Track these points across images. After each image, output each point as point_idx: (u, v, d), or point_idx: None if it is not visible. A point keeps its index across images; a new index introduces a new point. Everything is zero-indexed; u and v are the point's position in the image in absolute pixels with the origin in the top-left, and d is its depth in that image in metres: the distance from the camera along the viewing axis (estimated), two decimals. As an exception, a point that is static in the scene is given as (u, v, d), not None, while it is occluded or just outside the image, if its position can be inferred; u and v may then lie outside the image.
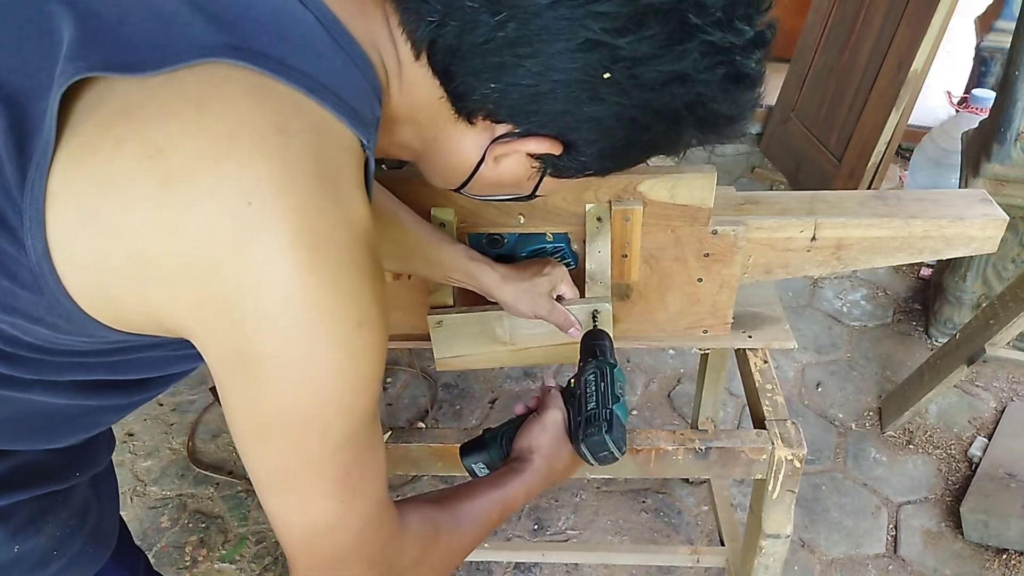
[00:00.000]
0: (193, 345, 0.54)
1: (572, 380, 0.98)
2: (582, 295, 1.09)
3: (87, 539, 0.78)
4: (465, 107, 0.62)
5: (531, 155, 0.67)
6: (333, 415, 0.56)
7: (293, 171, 0.49)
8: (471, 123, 0.64)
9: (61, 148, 0.49)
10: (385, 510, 0.64)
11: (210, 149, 0.48)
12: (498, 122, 0.63)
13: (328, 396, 0.55)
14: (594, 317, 1.08)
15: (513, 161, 0.68)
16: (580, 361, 1.00)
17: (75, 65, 0.49)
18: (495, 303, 1.08)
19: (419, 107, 0.64)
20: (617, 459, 0.90)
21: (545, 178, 0.71)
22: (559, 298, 1.08)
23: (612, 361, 0.97)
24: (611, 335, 1.03)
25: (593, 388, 0.93)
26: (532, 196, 0.75)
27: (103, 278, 0.51)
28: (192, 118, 0.49)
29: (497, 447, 0.96)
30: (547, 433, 0.92)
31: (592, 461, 0.91)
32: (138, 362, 0.65)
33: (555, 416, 0.93)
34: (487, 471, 0.97)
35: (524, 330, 1.12)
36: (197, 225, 0.48)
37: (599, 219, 1.05)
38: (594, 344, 1.00)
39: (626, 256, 1.08)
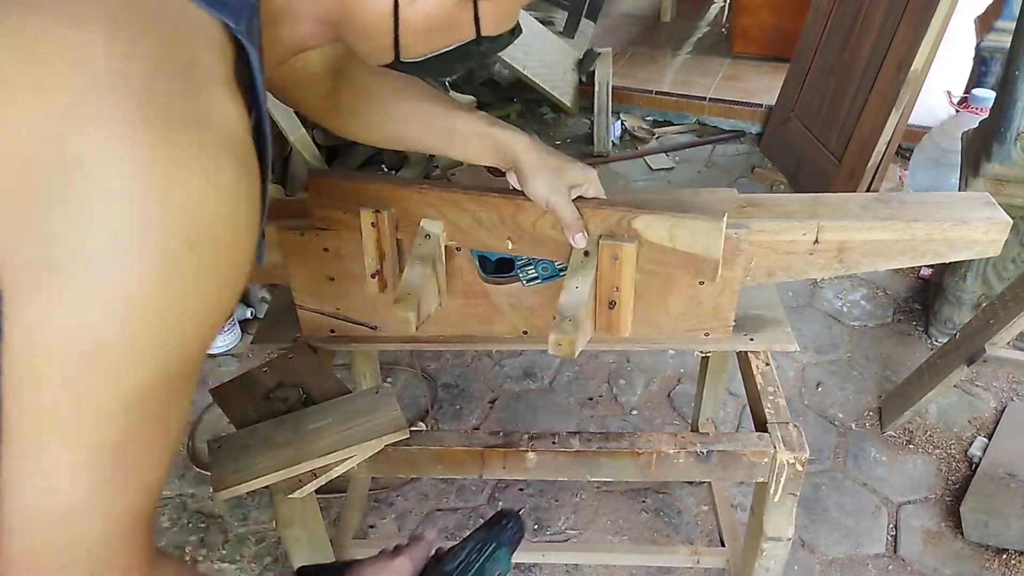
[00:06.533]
0: None
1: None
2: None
3: None
4: None
5: None
6: (126, 351, 0.46)
7: (129, 62, 0.45)
8: None
9: None
10: (143, 526, 0.53)
11: (30, 46, 0.45)
12: None
13: (128, 322, 0.46)
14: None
15: None
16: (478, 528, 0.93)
17: None
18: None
19: None
20: None
21: (483, 3, 0.63)
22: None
23: (507, 543, 0.90)
24: (523, 526, 0.95)
25: (464, 555, 0.87)
26: (480, 38, 0.66)
27: None
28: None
29: None
30: (383, 574, 0.82)
31: None
32: None
33: (403, 564, 0.82)
34: None
35: (311, 424, 1.06)
36: (15, 121, 0.44)
37: (586, 253, 0.99)
38: (500, 520, 0.93)
39: (614, 305, 0.98)
